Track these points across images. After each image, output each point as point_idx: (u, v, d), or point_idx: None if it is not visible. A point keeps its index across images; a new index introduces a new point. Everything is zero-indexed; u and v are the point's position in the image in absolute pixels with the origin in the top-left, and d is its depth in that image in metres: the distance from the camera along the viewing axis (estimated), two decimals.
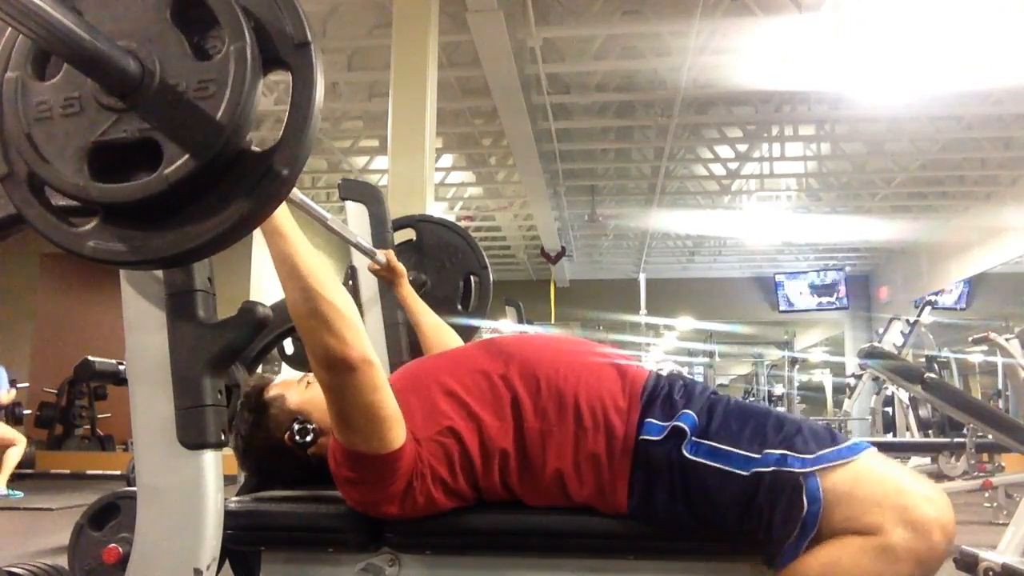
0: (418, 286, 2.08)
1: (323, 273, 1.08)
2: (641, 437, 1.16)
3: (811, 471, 1.06)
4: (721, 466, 1.10)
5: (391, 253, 1.94)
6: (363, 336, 1.11)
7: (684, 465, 1.12)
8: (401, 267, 1.93)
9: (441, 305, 2.11)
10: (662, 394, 1.20)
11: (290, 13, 0.72)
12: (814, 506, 1.04)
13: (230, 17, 0.69)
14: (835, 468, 1.06)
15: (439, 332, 1.84)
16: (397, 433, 1.14)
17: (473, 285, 2.30)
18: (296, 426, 1.29)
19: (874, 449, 1.10)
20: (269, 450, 1.32)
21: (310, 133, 0.72)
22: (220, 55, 0.69)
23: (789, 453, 1.08)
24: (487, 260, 2.35)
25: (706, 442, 1.12)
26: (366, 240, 1.97)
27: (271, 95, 6.56)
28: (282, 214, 1.07)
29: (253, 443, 1.33)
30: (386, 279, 1.95)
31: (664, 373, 1.27)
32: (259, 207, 0.72)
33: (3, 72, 0.73)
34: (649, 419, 1.17)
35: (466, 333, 2.15)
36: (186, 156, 0.68)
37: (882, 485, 1.05)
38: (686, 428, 1.13)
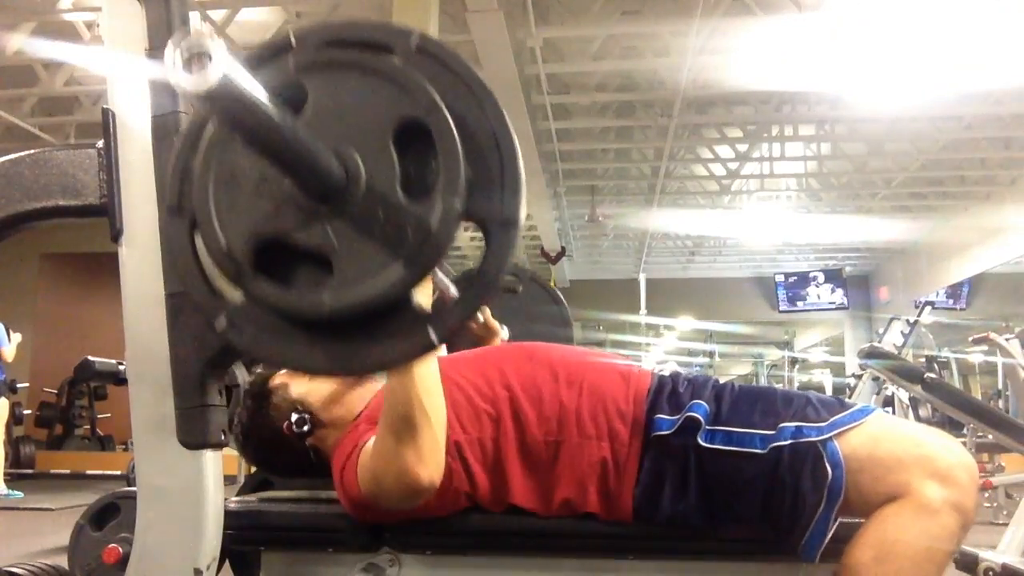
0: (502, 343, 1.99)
1: (436, 386, 1.09)
2: (652, 434, 1.15)
3: (828, 437, 1.07)
4: (739, 448, 1.10)
5: (488, 312, 1.82)
6: (442, 458, 1.10)
7: (701, 455, 1.12)
8: (497, 326, 1.82)
9: None
10: (667, 391, 1.20)
11: (511, 183, 0.68)
12: (837, 470, 1.05)
13: (451, 169, 0.65)
14: (850, 431, 1.08)
15: None
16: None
17: None
18: (295, 416, 1.29)
19: (881, 410, 1.13)
20: (267, 438, 1.32)
21: (478, 306, 0.69)
22: (429, 203, 0.65)
23: (804, 424, 1.09)
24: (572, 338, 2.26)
25: (721, 428, 1.12)
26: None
27: None
28: None
29: (253, 430, 1.34)
30: (480, 336, 1.81)
31: (666, 373, 1.27)
32: (399, 358, 0.70)
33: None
34: (658, 415, 1.16)
35: None
36: (398, 264, 0.64)
37: (901, 442, 1.08)
38: (700, 417, 1.13)
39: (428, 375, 1.09)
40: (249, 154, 0.68)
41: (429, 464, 1.07)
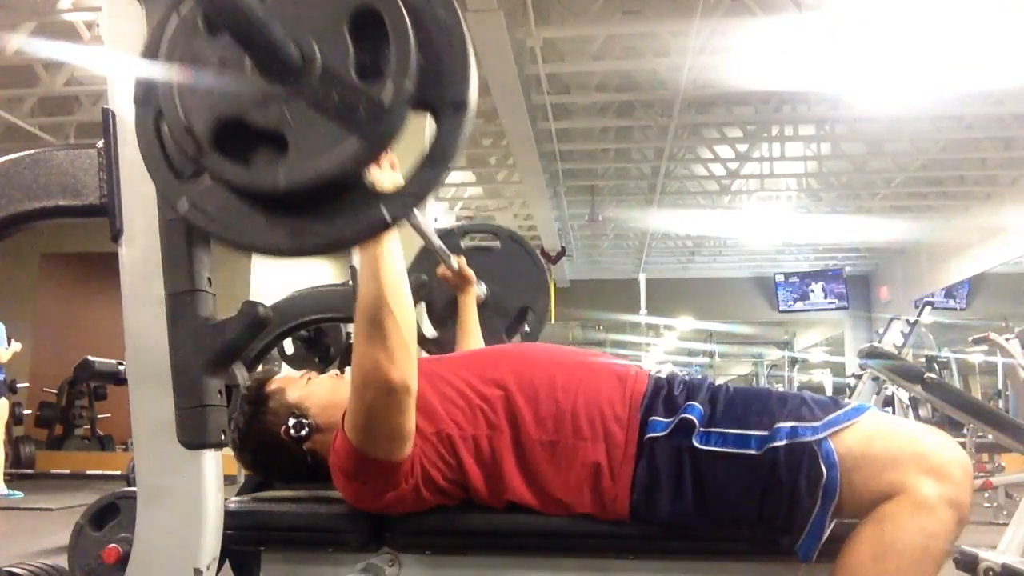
0: (479, 299, 2.05)
1: (401, 287, 1.09)
2: (647, 436, 1.15)
3: (823, 437, 1.07)
4: (735, 450, 1.10)
5: (463, 260, 1.94)
6: (413, 362, 1.11)
7: (696, 457, 1.12)
8: (472, 275, 1.92)
9: (486, 323, 2.07)
10: (662, 394, 1.20)
11: (461, 66, 0.71)
12: (832, 470, 1.05)
13: (402, 51, 0.68)
14: (845, 430, 1.08)
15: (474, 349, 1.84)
16: (408, 448, 1.15)
17: (528, 320, 2.25)
18: (292, 421, 1.28)
19: (876, 409, 1.13)
20: (265, 443, 1.32)
21: (429, 188, 0.72)
22: (379, 83, 0.68)
23: (798, 424, 1.09)
24: (550, 306, 2.29)
25: (715, 430, 1.12)
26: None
27: None
28: None
29: (250, 435, 1.33)
30: (453, 285, 1.94)
31: (663, 375, 1.27)
32: (353, 236, 0.73)
33: (177, 4, 0.74)
34: (653, 417, 1.16)
35: None
36: (352, 139, 0.68)
37: (894, 439, 1.08)
38: (694, 419, 1.13)
39: (392, 273, 1.09)
40: (210, 40, 0.72)
41: (399, 363, 1.08)
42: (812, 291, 12.83)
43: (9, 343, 6.20)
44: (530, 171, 8.00)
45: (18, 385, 7.18)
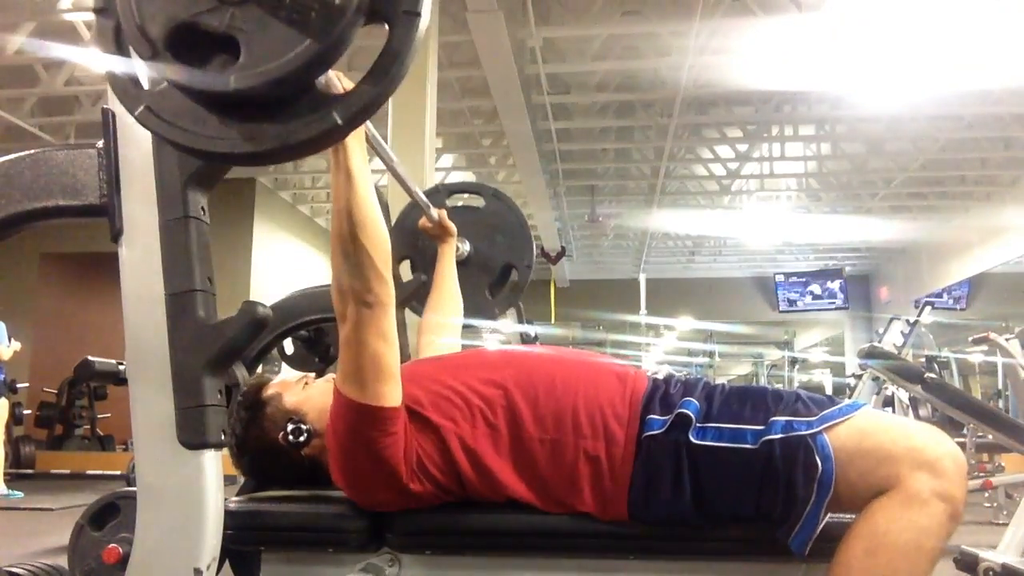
0: (459, 252, 2.05)
1: (370, 204, 1.10)
2: (644, 434, 1.16)
3: (818, 431, 1.08)
4: (730, 444, 1.11)
5: (444, 212, 1.94)
6: (390, 283, 1.13)
7: (693, 452, 1.13)
8: (452, 227, 1.93)
9: (469, 280, 2.07)
10: (659, 393, 1.21)
11: None
12: (827, 463, 1.06)
13: None
14: (839, 425, 1.09)
15: (448, 299, 1.85)
16: (393, 391, 1.15)
17: (511, 277, 2.24)
18: (290, 426, 1.28)
19: (870, 406, 1.15)
20: (263, 449, 1.31)
21: (381, 94, 0.74)
22: None
23: (794, 418, 1.10)
24: (533, 262, 2.29)
25: (712, 425, 1.13)
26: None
27: None
28: (357, 135, 1.10)
29: (247, 441, 1.32)
30: (434, 236, 1.95)
31: (660, 376, 1.27)
32: (307, 138, 0.74)
33: None
34: (650, 416, 1.17)
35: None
36: (305, 42, 0.69)
37: (888, 434, 1.09)
38: (690, 414, 1.14)
39: (361, 192, 1.09)
40: None
41: (372, 275, 1.10)
42: (812, 291, 12.83)
43: (10, 342, 6.20)
44: (530, 171, 8.00)
45: (18, 385, 7.18)
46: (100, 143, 1.09)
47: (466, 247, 2.12)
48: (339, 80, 0.86)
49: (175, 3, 0.73)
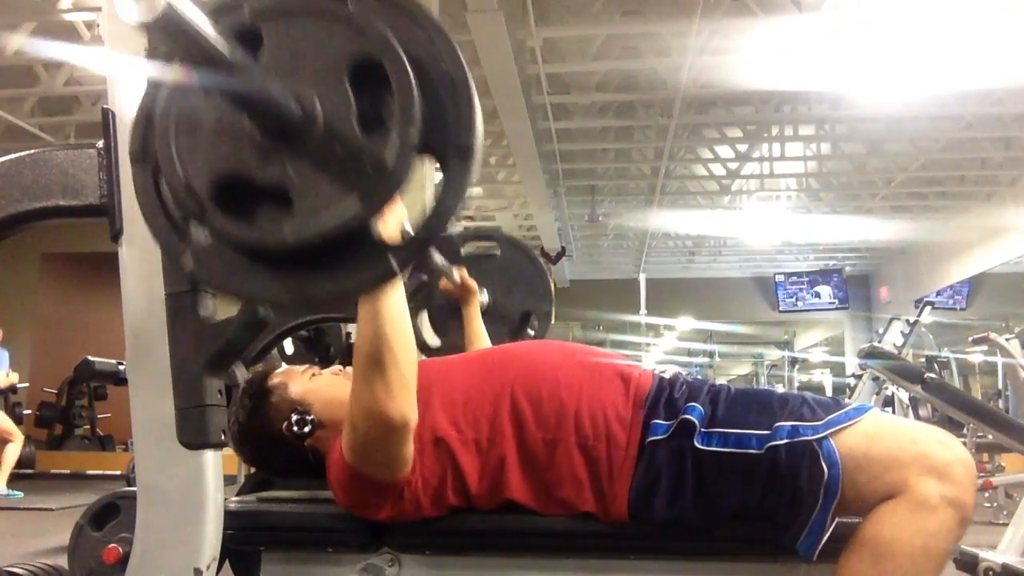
0: (481, 306, 2.02)
1: (403, 324, 1.08)
2: (648, 439, 1.15)
3: (824, 436, 1.07)
4: (736, 450, 1.10)
5: (464, 271, 1.91)
6: (413, 395, 1.10)
7: (698, 457, 1.12)
8: (474, 285, 1.90)
9: (490, 329, 2.05)
10: (663, 396, 1.20)
11: (466, 114, 0.70)
12: (834, 469, 1.05)
13: (406, 104, 0.67)
14: (846, 429, 1.08)
15: None
16: (405, 470, 1.15)
17: (532, 323, 2.23)
18: (295, 417, 1.27)
19: (877, 409, 1.13)
20: (266, 438, 1.30)
21: (436, 234, 0.71)
22: (385, 136, 0.67)
23: (799, 423, 1.09)
24: (552, 307, 2.27)
25: (717, 430, 1.12)
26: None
27: None
28: None
29: (250, 430, 1.31)
30: (457, 296, 1.91)
31: (667, 376, 1.26)
32: (360, 287, 0.72)
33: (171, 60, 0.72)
34: (654, 420, 1.17)
35: None
36: (355, 197, 0.67)
37: (896, 439, 1.07)
38: (695, 420, 1.13)
39: (394, 312, 1.07)
40: (208, 96, 0.71)
41: (398, 399, 1.07)
42: (812, 291, 12.83)
43: (8, 373, 6.24)
44: (530, 171, 7.99)
45: (18, 385, 7.18)
46: (100, 143, 1.09)
47: (484, 298, 2.08)
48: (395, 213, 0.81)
49: (222, 156, 0.69)
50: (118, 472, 7.21)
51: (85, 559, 1.19)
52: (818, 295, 12.79)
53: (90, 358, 6.37)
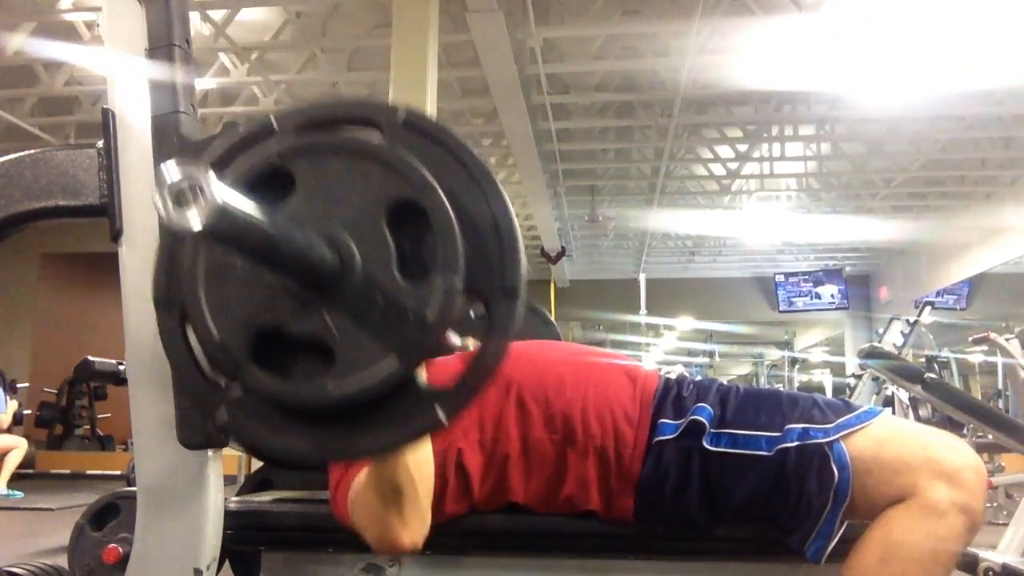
0: None
1: (427, 459, 1.07)
2: (656, 439, 1.15)
3: (834, 439, 1.06)
4: (745, 451, 1.10)
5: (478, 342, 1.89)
6: (426, 524, 1.08)
7: (706, 458, 1.11)
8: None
9: None
10: (671, 395, 1.19)
11: (511, 255, 0.67)
12: (844, 472, 1.04)
13: (450, 249, 0.64)
14: (857, 433, 1.07)
15: None
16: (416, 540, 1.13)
17: None
18: None
19: (888, 411, 1.12)
20: None
21: (487, 381, 0.67)
22: (428, 283, 0.64)
23: (810, 426, 1.08)
24: None
25: (726, 431, 1.12)
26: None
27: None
28: None
29: None
30: None
31: (673, 376, 1.26)
32: (404, 441, 0.68)
33: None
34: (662, 420, 1.16)
35: None
36: (391, 356, 0.63)
37: (907, 444, 1.06)
38: (704, 421, 1.12)
39: (423, 453, 1.06)
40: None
41: (412, 528, 1.06)
42: (812, 291, 12.83)
43: (6, 402, 6.24)
44: (530, 171, 8.00)
45: (18, 385, 7.18)
46: (100, 143, 1.09)
47: None
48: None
49: (255, 306, 0.66)
50: (118, 472, 7.21)
51: (85, 559, 1.19)
52: (818, 295, 12.79)
53: (90, 358, 6.38)
